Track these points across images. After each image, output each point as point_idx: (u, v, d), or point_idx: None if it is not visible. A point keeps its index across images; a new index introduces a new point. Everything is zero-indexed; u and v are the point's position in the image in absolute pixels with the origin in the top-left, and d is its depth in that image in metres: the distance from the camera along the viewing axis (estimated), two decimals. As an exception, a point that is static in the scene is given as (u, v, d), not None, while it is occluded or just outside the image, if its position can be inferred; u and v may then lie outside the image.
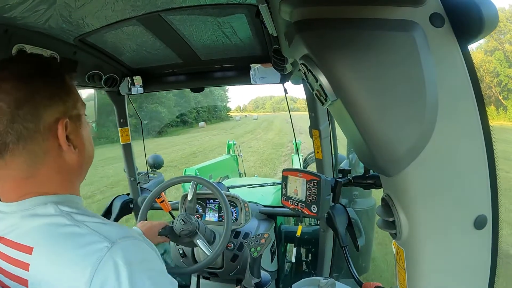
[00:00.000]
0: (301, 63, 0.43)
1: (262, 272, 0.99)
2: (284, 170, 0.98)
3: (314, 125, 1.42)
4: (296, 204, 0.93)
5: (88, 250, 0.44)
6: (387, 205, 0.45)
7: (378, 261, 2.85)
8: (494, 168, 0.40)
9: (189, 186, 1.41)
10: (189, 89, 1.56)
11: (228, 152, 5.25)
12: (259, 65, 1.33)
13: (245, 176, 4.78)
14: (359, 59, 0.37)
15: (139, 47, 1.18)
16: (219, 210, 1.57)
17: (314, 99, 1.30)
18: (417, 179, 0.39)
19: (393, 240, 0.47)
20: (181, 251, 1.47)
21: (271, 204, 1.93)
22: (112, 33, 1.02)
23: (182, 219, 1.22)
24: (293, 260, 1.79)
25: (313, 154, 1.52)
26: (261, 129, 25.91)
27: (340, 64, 0.38)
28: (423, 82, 0.37)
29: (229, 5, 0.87)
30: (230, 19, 0.96)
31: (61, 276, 0.44)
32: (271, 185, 2.40)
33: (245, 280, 0.97)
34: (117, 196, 1.83)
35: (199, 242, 1.25)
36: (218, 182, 2.20)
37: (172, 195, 3.78)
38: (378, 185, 0.82)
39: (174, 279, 0.51)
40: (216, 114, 48.65)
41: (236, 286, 0.99)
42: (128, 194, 1.84)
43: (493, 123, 0.41)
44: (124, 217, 1.82)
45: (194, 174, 3.21)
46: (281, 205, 1.01)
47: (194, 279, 1.58)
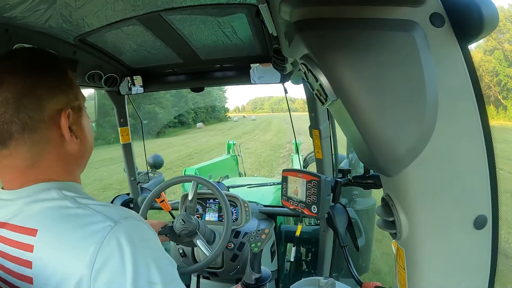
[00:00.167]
0: (301, 63, 0.43)
1: (263, 268, 0.99)
2: (284, 171, 0.98)
3: (314, 125, 1.42)
4: (296, 205, 0.93)
5: (92, 229, 0.45)
6: (387, 205, 0.45)
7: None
8: (494, 168, 0.40)
9: (189, 186, 1.41)
10: (189, 89, 1.56)
11: (228, 152, 5.25)
12: (258, 65, 1.33)
13: (245, 176, 4.79)
14: (359, 59, 0.37)
15: (139, 47, 1.18)
16: (219, 210, 1.57)
17: (314, 99, 1.30)
18: (417, 179, 0.39)
19: (393, 240, 0.47)
20: (181, 251, 1.47)
21: (271, 204, 1.93)
22: (112, 33, 1.02)
23: (182, 219, 1.22)
24: (293, 260, 1.79)
25: (313, 154, 1.52)
26: (259, 130, 25.65)
27: (340, 64, 0.38)
28: (423, 82, 0.37)
29: (229, 5, 0.87)
30: (230, 19, 0.96)
31: (65, 255, 0.45)
32: (271, 185, 2.40)
33: (246, 276, 0.97)
34: (117, 196, 1.83)
35: (199, 242, 1.25)
36: (218, 182, 2.20)
37: (171, 196, 3.77)
38: (378, 185, 0.82)
39: (173, 260, 0.52)
40: (215, 115, 48.58)
41: (236, 284, 0.99)
42: (128, 194, 1.84)
43: (493, 123, 0.41)
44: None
45: (194, 174, 3.21)
46: (281, 205, 1.01)
47: (194, 279, 1.58)
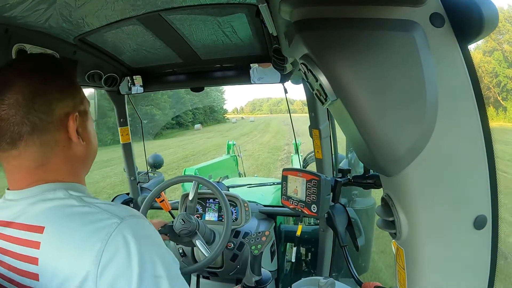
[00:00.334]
0: (301, 63, 0.43)
1: (263, 270, 0.99)
2: (284, 170, 0.98)
3: (314, 125, 1.42)
4: (296, 204, 0.93)
5: (98, 226, 0.46)
6: (387, 205, 0.45)
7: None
8: (494, 168, 0.40)
9: (189, 186, 1.41)
10: (188, 90, 1.56)
11: (228, 153, 5.26)
12: (257, 66, 1.33)
13: (245, 176, 4.79)
14: (359, 59, 0.37)
15: (139, 47, 1.18)
16: (219, 210, 1.57)
17: (314, 99, 1.30)
18: (417, 179, 0.39)
19: (393, 240, 0.47)
20: (181, 251, 1.47)
21: (271, 204, 1.93)
22: (112, 33, 1.02)
23: (182, 219, 1.22)
24: (293, 260, 1.79)
25: (313, 154, 1.52)
26: (258, 131, 25.30)
27: (340, 64, 0.38)
28: (423, 82, 0.37)
29: (229, 5, 0.87)
30: (230, 19, 0.96)
31: (72, 251, 0.45)
32: (271, 185, 2.40)
33: (246, 278, 0.97)
34: (117, 196, 1.83)
35: (198, 243, 1.25)
36: (218, 182, 2.20)
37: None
38: (378, 185, 0.82)
39: (176, 258, 0.52)
40: (213, 116, 48.30)
41: (236, 285, 0.99)
42: (128, 194, 1.84)
43: (492, 124, 0.41)
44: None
45: (194, 174, 3.21)
46: (281, 205, 1.01)
47: (194, 279, 1.58)
